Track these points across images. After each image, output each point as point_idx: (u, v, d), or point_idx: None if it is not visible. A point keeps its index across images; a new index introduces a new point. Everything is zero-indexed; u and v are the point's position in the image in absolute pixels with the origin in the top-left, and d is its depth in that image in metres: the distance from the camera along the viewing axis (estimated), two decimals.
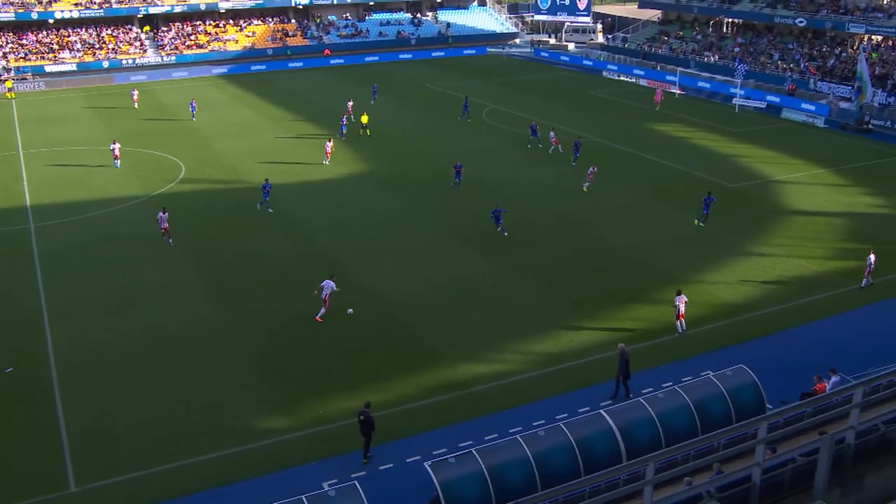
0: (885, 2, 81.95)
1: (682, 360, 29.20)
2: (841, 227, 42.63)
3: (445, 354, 29.84)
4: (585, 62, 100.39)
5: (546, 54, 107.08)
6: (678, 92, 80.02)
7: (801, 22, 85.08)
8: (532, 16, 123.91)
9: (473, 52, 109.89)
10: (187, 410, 26.51)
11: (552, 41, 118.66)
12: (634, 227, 42.68)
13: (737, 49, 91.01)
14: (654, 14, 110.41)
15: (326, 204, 46.31)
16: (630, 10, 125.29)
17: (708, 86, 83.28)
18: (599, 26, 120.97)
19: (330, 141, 55.59)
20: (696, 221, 42.50)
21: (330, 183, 50.37)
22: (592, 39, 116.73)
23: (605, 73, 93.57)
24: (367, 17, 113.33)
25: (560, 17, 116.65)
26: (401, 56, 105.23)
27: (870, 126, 66.04)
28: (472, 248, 39.72)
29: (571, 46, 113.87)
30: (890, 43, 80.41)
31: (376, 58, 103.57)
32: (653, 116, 69.77)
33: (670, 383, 25.67)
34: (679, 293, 31.50)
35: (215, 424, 25.73)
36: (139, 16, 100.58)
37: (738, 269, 37.19)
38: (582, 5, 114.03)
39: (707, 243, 40.21)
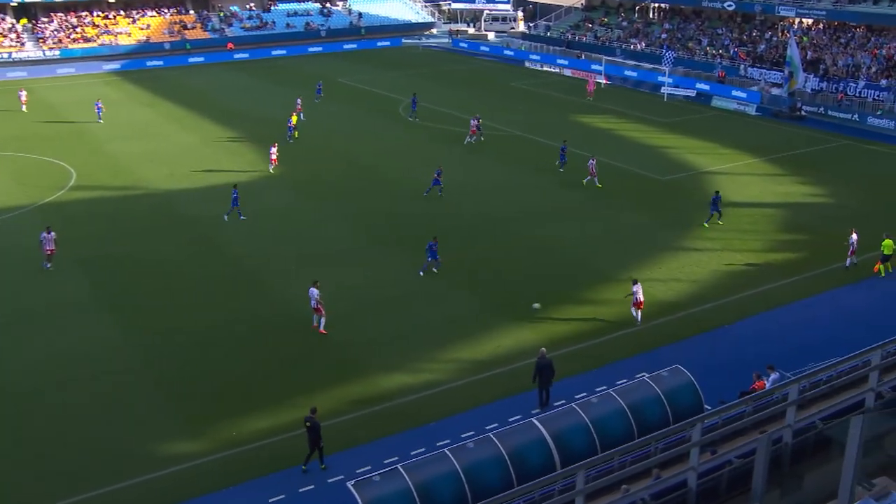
0: None
1: (615, 361, 29.70)
2: (777, 219, 43.91)
3: (368, 365, 29.80)
4: (506, 52, 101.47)
5: (465, 45, 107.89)
6: (604, 82, 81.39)
7: (729, 6, 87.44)
8: (449, 4, 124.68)
9: (388, 43, 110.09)
10: (86, 440, 25.85)
11: (471, 31, 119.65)
12: (562, 224, 43.26)
13: (664, 35, 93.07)
14: (577, 0, 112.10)
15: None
16: None
17: (635, 74, 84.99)
18: (520, 14, 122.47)
19: (275, 146, 53.62)
20: (704, 223, 42.88)
21: (243, 188, 49.54)
22: (513, 28, 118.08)
23: (527, 64, 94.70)
24: (272, 8, 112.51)
25: (478, 5, 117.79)
26: (310, 49, 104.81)
27: (802, 113, 68.25)
28: (393, 252, 39.74)
29: (491, 36, 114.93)
30: (821, 26, 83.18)
31: (284, 51, 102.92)
32: (578, 108, 70.88)
33: (604, 387, 26.10)
34: (635, 282, 32.63)
35: (119, 453, 25.15)
36: (13, 4, 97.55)
37: (672, 265, 38.02)
38: None
39: (639, 239, 40.98)
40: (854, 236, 37.54)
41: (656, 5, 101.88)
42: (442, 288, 35.93)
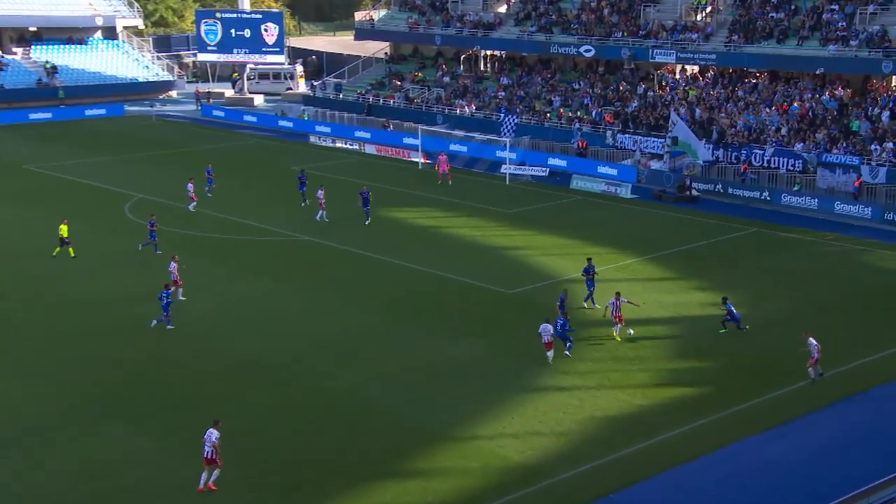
0: (697, 18, 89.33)
1: None
2: (668, 340, 45.17)
3: None
4: (283, 123, 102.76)
5: (221, 113, 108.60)
6: (421, 161, 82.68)
7: (588, 51, 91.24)
8: (194, 55, 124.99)
9: (103, 111, 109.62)
10: None
11: (229, 93, 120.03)
12: (369, 363, 42.98)
13: (501, 94, 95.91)
14: (379, 48, 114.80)
15: None
16: (344, 45, 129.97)
17: (465, 149, 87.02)
18: (300, 69, 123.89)
19: (174, 259, 50.95)
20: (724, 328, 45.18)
21: None
22: (291, 89, 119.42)
23: (312, 139, 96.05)
24: None
25: (238, 57, 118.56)
26: None
27: (694, 192, 71.09)
28: (118, 421, 38.37)
29: (259, 100, 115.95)
30: (711, 75, 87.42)
31: None
32: (387, 198, 71.61)
33: None
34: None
35: None
36: None
37: (530, 414, 38.15)
38: (270, 38, 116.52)
39: (478, 378, 41.00)
40: (812, 341, 39.76)
41: (489, 53, 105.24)
42: (187, 467, 34.68)
